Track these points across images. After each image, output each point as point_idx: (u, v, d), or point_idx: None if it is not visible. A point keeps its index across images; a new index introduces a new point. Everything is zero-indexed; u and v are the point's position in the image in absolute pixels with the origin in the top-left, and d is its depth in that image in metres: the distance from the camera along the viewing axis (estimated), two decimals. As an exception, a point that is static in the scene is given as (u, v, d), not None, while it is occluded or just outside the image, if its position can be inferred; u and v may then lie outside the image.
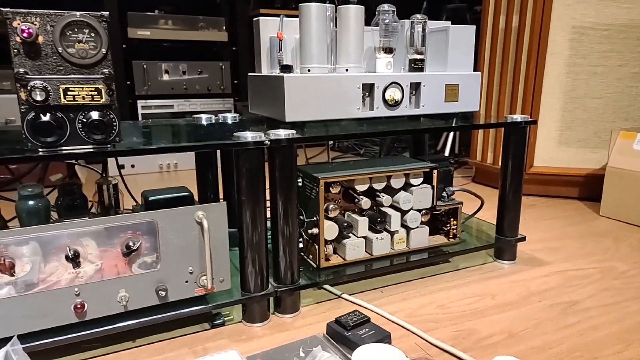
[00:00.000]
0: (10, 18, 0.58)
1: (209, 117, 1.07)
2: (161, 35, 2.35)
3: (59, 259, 0.65)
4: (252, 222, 0.78)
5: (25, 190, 0.76)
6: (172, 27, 2.39)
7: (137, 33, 2.28)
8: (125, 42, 2.27)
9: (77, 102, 0.63)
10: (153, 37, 2.32)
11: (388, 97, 0.93)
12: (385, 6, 0.95)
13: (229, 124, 1.02)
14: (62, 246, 0.65)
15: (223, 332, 0.80)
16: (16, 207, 0.77)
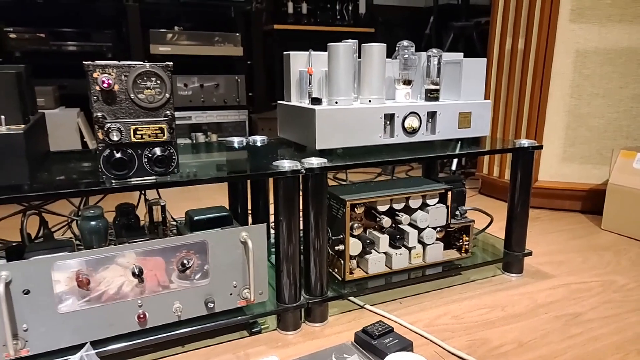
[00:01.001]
0: (91, 70, 0.68)
1: (241, 141, 1.16)
2: (180, 51, 2.46)
3: (125, 275, 0.75)
4: (288, 240, 0.87)
5: (88, 211, 0.86)
6: (190, 43, 2.50)
7: (159, 49, 2.38)
8: (148, 57, 2.38)
9: (144, 140, 0.73)
10: (173, 53, 2.43)
11: (407, 125, 1.02)
12: (405, 42, 1.05)
13: (260, 147, 1.11)
14: (129, 263, 0.75)
15: (260, 340, 0.89)
16: (79, 226, 0.87)
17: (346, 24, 2.97)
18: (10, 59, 2.16)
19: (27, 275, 0.68)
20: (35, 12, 2.37)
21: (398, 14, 3.56)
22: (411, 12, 3.60)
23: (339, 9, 2.95)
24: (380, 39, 3.16)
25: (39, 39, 2.13)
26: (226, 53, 2.60)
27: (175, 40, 2.45)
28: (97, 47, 2.25)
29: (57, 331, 0.71)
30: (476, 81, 1.11)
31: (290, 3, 2.77)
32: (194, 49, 2.51)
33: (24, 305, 0.68)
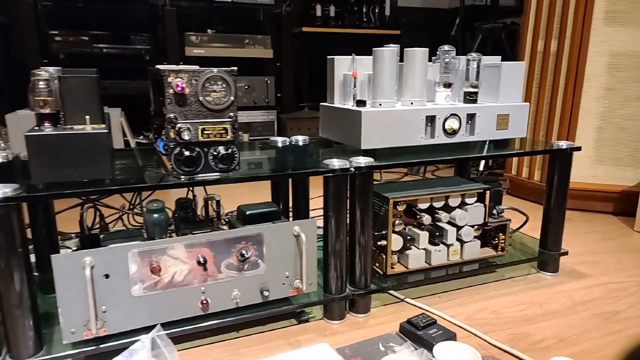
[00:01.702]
0: (166, 74, 0.74)
1: (284, 140, 1.22)
2: (213, 53, 2.54)
3: (191, 264, 0.81)
4: (336, 235, 0.93)
5: (151, 205, 0.92)
6: (223, 45, 2.57)
7: (193, 52, 2.47)
8: (183, 60, 2.47)
9: (210, 139, 0.79)
10: (207, 55, 2.51)
11: (447, 127, 1.06)
12: (446, 47, 1.09)
13: (303, 147, 1.17)
14: (194, 253, 0.81)
15: (308, 328, 0.95)
16: (144, 219, 0.93)
17: (372, 26, 3.02)
18: (54, 60, 2.26)
19: (107, 261, 0.74)
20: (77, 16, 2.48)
21: (422, 15, 3.58)
22: (435, 14, 3.62)
23: (366, 11, 2.99)
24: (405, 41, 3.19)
25: (82, 41, 2.23)
26: (257, 55, 2.67)
27: (209, 42, 2.53)
28: (136, 50, 2.34)
29: (131, 313, 0.78)
30: (514, 84, 1.14)
31: (318, 6, 2.82)
32: (226, 51, 2.59)
33: (104, 289, 0.75)
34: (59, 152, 0.68)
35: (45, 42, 2.22)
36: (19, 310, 0.71)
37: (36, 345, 0.74)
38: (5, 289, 0.69)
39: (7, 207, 0.67)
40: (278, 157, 1.06)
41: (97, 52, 2.26)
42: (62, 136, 0.68)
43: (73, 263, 0.72)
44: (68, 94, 0.72)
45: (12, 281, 0.69)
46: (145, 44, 2.35)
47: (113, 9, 2.53)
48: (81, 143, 0.69)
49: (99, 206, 1.27)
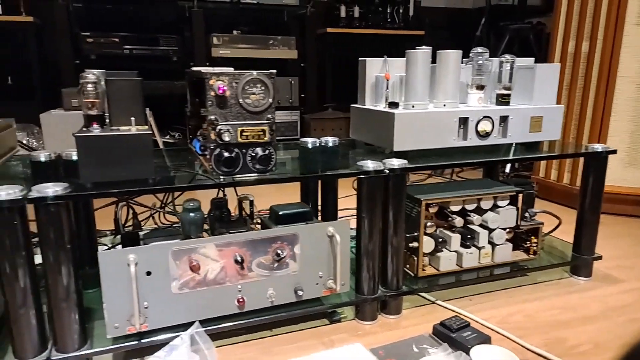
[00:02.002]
0: (208, 77, 0.76)
1: (314, 141, 1.22)
2: (239, 54, 2.57)
3: (229, 262, 0.83)
4: (369, 236, 0.93)
5: (188, 204, 0.94)
6: (248, 46, 2.60)
7: (219, 52, 2.50)
8: (209, 60, 2.50)
9: (249, 141, 0.81)
10: (232, 56, 2.54)
11: (480, 129, 1.06)
12: (479, 49, 1.08)
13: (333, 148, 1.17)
14: (232, 252, 0.83)
15: (341, 328, 0.96)
16: (180, 218, 0.96)
17: (396, 26, 3.01)
18: (86, 61, 2.32)
19: (150, 259, 0.77)
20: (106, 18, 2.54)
21: (445, 15, 3.55)
22: (459, 14, 3.59)
23: (390, 11, 2.98)
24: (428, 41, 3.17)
25: (112, 43, 2.29)
26: (281, 56, 2.69)
27: (234, 43, 2.56)
28: (164, 51, 2.38)
29: (171, 309, 0.80)
30: (549, 86, 1.13)
31: (342, 7, 2.83)
32: (251, 52, 2.61)
33: (146, 285, 0.77)
34: (107, 152, 0.70)
35: (77, 44, 2.28)
36: (66, 304, 0.73)
37: (81, 340, 0.77)
38: (54, 283, 0.72)
39: (58, 205, 0.69)
40: (311, 158, 1.07)
41: (127, 54, 2.31)
42: (111, 137, 0.70)
43: (118, 260, 0.74)
44: (114, 96, 0.75)
45: (60, 276, 0.72)
46: (173, 45, 2.39)
47: (141, 10, 2.59)
48: (127, 144, 0.71)
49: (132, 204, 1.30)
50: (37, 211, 0.69)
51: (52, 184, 0.70)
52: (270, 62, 2.67)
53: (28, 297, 0.71)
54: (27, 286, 0.71)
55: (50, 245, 0.71)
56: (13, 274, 0.70)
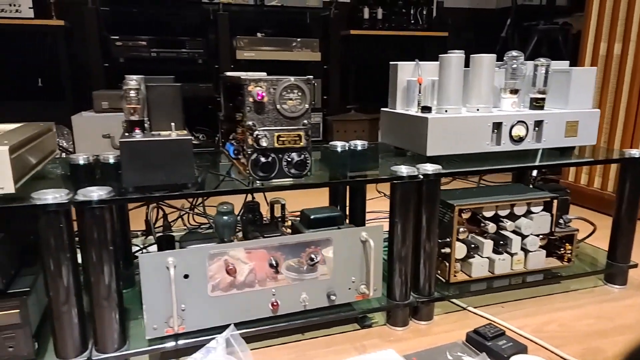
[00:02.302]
0: (246, 83, 0.77)
1: (343, 145, 1.23)
2: (263, 56, 2.59)
3: (264, 266, 0.83)
4: (402, 241, 0.93)
5: (222, 207, 0.96)
6: (272, 49, 2.62)
7: (244, 55, 2.52)
8: (234, 63, 2.53)
9: (285, 146, 0.81)
10: (256, 58, 2.56)
11: (514, 134, 1.05)
12: (514, 52, 1.07)
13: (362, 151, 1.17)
14: (266, 256, 0.83)
15: (372, 333, 0.95)
16: (214, 220, 0.97)
17: (419, 28, 2.99)
18: (115, 64, 2.37)
19: (188, 262, 0.78)
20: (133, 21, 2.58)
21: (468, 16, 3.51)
22: (482, 14, 3.55)
23: (413, 13, 2.96)
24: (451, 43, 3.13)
25: (140, 46, 2.33)
26: (305, 58, 2.70)
27: (258, 46, 2.58)
28: (189, 54, 2.41)
29: (207, 312, 0.81)
30: (585, 90, 1.11)
31: (366, 9, 2.82)
32: (275, 54, 2.63)
33: (183, 288, 0.78)
34: (150, 157, 0.72)
35: (107, 47, 2.33)
36: (108, 304, 0.75)
37: (121, 340, 0.78)
38: (96, 284, 0.74)
39: (102, 208, 0.71)
40: (344, 162, 1.07)
41: (154, 56, 2.35)
42: (154, 142, 0.71)
43: (157, 263, 0.76)
44: (155, 102, 0.76)
45: (102, 276, 0.73)
46: (198, 47, 2.42)
47: (167, 13, 2.63)
48: (170, 149, 0.72)
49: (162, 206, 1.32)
50: (82, 214, 0.71)
51: (96, 187, 0.72)
52: (294, 64, 2.68)
53: (71, 297, 0.73)
54: (70, 287, 0.73)
55: (93, 247, 0.72)
56: (58, 274, 0.71)
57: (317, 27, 2.88)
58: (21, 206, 0.67)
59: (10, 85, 2.57)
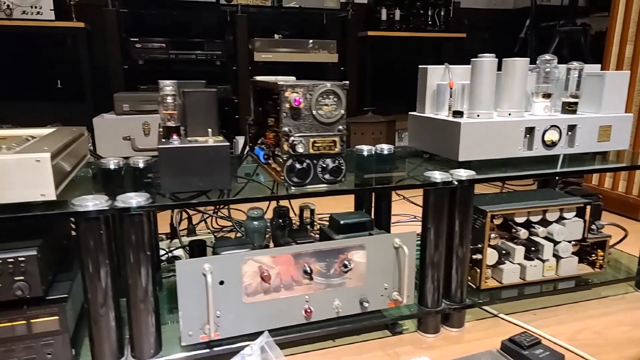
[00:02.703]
0: (283, 89, 0.76)
1: (370, 149, 1.22)
2: (280, 57, 2.58)
3: (297, 272, 0.83)
4: (435, 247, 0.92)
5: (252, 212, 0.95)
6: (289, 50, 2.61)
7: (262, 57, 2.52)
8: (252, 65, 2.52)
9: (320, 152, 0.80)
10: (274, 60, 2.56)
11: (547, 139, 1.03)
12: (547, 56, 1.05)
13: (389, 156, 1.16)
14: (300, 262, 0.83)
15: (404, 340, 0.94)
16: (245, 225, 0.97)
17: (437, 29, 2.96)
18: (134, 66, 2.38)
19: (223, 268, 0.77)
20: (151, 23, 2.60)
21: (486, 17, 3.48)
22: (499, 15, 3.51)
23: (431, 14, 2.94)
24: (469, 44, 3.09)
25: (159, 48, 2.34)
26: (322, 60, 2.69)
27: (276, 47, 2.58)
28: (208, 56, 2.42)
29: (242, 319, 0.81)
30: (618, 94, 1.09)
31: (383, 10, 2.81)
32: (293, 56, 2.62)
33: (219, 295, 0.78)
34: (188, 164, 0.71)
35: (126, 49, 2.34)
36: (145, 309, 0.75)
37: (157, 346, 0.78)
38: (134, 288, 0.74)
39: (141, 215, 0.71)
40: (373, 167, 1.07)
41: (172, 58, 2.36)
42: (193, 149, 0.71)
43: (194, 269, 0.75)
44: (191, 108, 0.76)
45: (140, 281, 0.73)
46: (216, 49, 2.43)
47: (185, 15, 2.63)
48: (207, 155, 0.72)
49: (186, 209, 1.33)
50: (121, 220, 0.71)
51: (134, 194, 0.72)
52: (311, 65, 2.68)
53: (109, 303, 0.73)
54: (108, 292, 0.73)
55: (131, 252, 0.72)
56: (97, 280, 0.72)
57: (333, 29, 2.87)
58: (63, 213, 0.68)
59: (30, 86, 2.60)
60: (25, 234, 0.73)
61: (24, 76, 2.59)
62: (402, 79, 3.25)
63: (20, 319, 0.70)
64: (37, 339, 0.72)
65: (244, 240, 0.91)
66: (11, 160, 0.64)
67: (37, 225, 0.76)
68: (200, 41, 2.40)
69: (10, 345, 0.71)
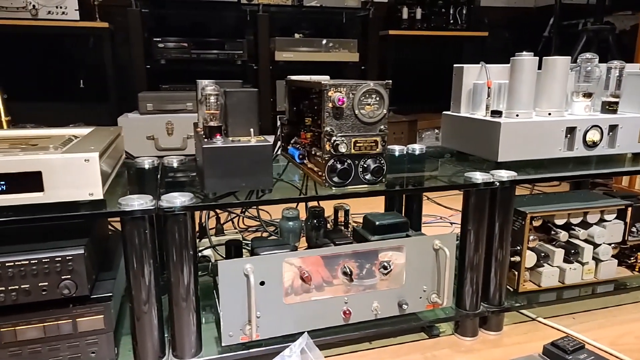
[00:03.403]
0: (327, 89, 0.75)
1: (401, 149, 1.20)
2: (301, 57, 2.58)
3: (337, 274, 0.82)
4: (474, 249, 0.90)
5: (287, 212, 0.95)
6: (309, 50, 2.61)
7: (283, 56, 2.52)
8: (272, 64, 2.53)
9: (361, 152, 0.79)
10: (294, 59, 2.55)
11: (588, 139, 1.01)
12: (588, 55, 1.03)
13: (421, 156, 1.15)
14: (340, 263, 0.82)
15: (441, 343, 0.93)
16: (280, 225, 0.96)
17: (459, 28, 2.93)
18: (156, 65, 2.40)
19: (264, 269, 0.77)
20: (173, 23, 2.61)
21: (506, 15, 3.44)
22: (520, 13, 3.46)
23: (452, 13, 2.91)
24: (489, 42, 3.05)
25: (182, 47, 2.35)
26: (343, 59, 2.68)
27: (296, 46, 2.58)
28: (229, 55, 2.42)
29: (281, 320, 0.80)
30: (660, 93, 1.06)
31: (405, 9, 2.79)
32: (313, 55, 2.62)
33: (259, 295, 0.77)
34: (232, 163, 0.71)
35: (149, 49, 2.35)
36: (187, 309, 0.75)
37: (197, 346, 0.78)
38: (177, 288, 0.73)
39: (184, 214, 0.71)
40: (409, 167, 1.05)
41: (194, 58, 2.37)
42: (238, 148, 0.71)
43: (236, 269, 0.75)
44: (233, 108, 0.76)
45: (183, 280, 0.73)
46: (238, 49, 2.43)
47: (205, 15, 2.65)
48: (250, 155, 0.72)
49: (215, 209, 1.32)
50: (165, 219, 0.71)
51: (178, 193, 0.72)
52: (331, 64, 2.67)
53: (152, 302, 0.73)
54: (152, 291, 0.73)
55: (175, 251, 0.72)
56: (141, 279, 0.71)
57: (353, 28, 2.86)
58: (110, 212, 0.68)
59: (53, 86, 2.63)
60: (70, 233, 0.73)
61: (47, 76, 2.62)
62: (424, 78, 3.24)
63: (66, 318, 0.71)
64: (82, 338, 0.72)
65: (282, 241, 0.91)
66: (61, 159, 0.64)
67: (82, 224, 0.76)
68: (221, 40, 2.41)
69: (55, 344, 0.72)
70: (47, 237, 0.71)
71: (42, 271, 0.68)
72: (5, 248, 0.68)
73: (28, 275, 0.67)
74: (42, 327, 0.70)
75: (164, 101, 2.14)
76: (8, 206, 0.64)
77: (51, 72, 2.63)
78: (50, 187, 0.65)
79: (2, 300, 0.67)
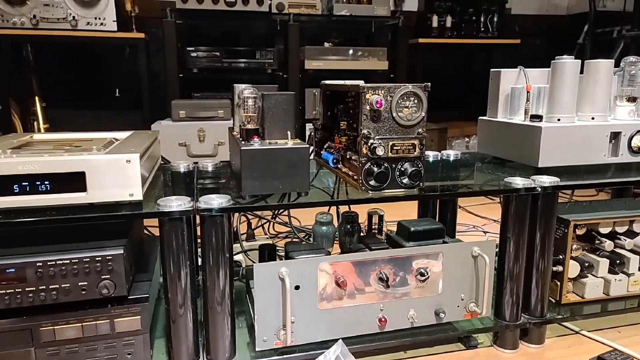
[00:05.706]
0: (365, 91, 0.75)
1: (435, 155, 1.18)
2: (330, 65, 2.58)
3: (373, 280, 0.80)
4: (515, 258, 0.87)
5: (321, 217, 0.94)
6: (339, 58, 2.61)
7: (312, 64, 2.53)
8: (301, 72, 2.54)
9: (398, 155, 0.78)
10: (324, 68, 2.56)
11: (634, 144, 0.96)
12: (632, 58, 0.99)
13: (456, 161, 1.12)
14: (377, 269, 0.80)
15: (480, 354, 0.90)
16: (313, 230, 0.95)
17: (490, 35, 2.89)
18: (188, 74, 2.45)
19: (299, 273, 0.76)
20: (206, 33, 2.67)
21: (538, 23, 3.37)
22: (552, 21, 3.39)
23: (483, 20, 2.87)
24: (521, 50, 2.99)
25: (214, 57, 2.39)
26: (372, 67, 2.67)
27: (326, 55, 2.58)
28: (260, 64, 2.45)
29: (316, 325, 0.79)
30: None
31: (434, 17, 2.76)
32: (342, 64, 2.62)
33: (294, 300, 0.76)
34: (270, 166, 0.71)
35: (182, 58, 2.41)
36: (222, 312, 0.74)
37: (231, 350, 0.77)
38: (212, 290, 0.73)
39: (222, 216, 0.71)
40: (444, 174, 1.03)
41: (227, 66, 2.41)
42: (276, 151, 0.70)
43: (271, 273, 0.74)
44: (270, 111, 0.76)
45: (219, 283, 0.73)
46: (268, 57, 2.46)
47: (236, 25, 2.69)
48: (287, 157, 0.71)
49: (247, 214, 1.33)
50: (202, 221, 0.71)
51: (216, 195, 0.72)
52: (360, 72, 2.66)
53: (188, 304, 0.73)
54: (188, 293, 0.73)
55: (212, 253, 0.72)
56: (178, 280, 0.72)
57: (382, 36, 2.85)
58: (150, 213, 0.68)
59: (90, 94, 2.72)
60: (108, 233, 0.74)
61: (84, 84, 2.71)
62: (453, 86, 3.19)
63: (104, 318, 0.71)
64: (119, 339, 0.73)
65: (317, 245, 0.90)
66: (104, 160, 0.65)
67: (120, 225, 0.77)
68: (252, 49, 2.44)
69: (93, 344, 0.72)
70: (86, 236, 0.72)
71: (82, 270, 0.69)
72: (47, 247, 0.69)
73: (69, 275, 0.68)
74: (80, 327, 0.71)
75: (196, 108, 2.18)
76: (51, 206, 0.66)
77: (88, 81, 2.72)
78: (93, 187, 0.66)
79: (43, 299, 0.68)
